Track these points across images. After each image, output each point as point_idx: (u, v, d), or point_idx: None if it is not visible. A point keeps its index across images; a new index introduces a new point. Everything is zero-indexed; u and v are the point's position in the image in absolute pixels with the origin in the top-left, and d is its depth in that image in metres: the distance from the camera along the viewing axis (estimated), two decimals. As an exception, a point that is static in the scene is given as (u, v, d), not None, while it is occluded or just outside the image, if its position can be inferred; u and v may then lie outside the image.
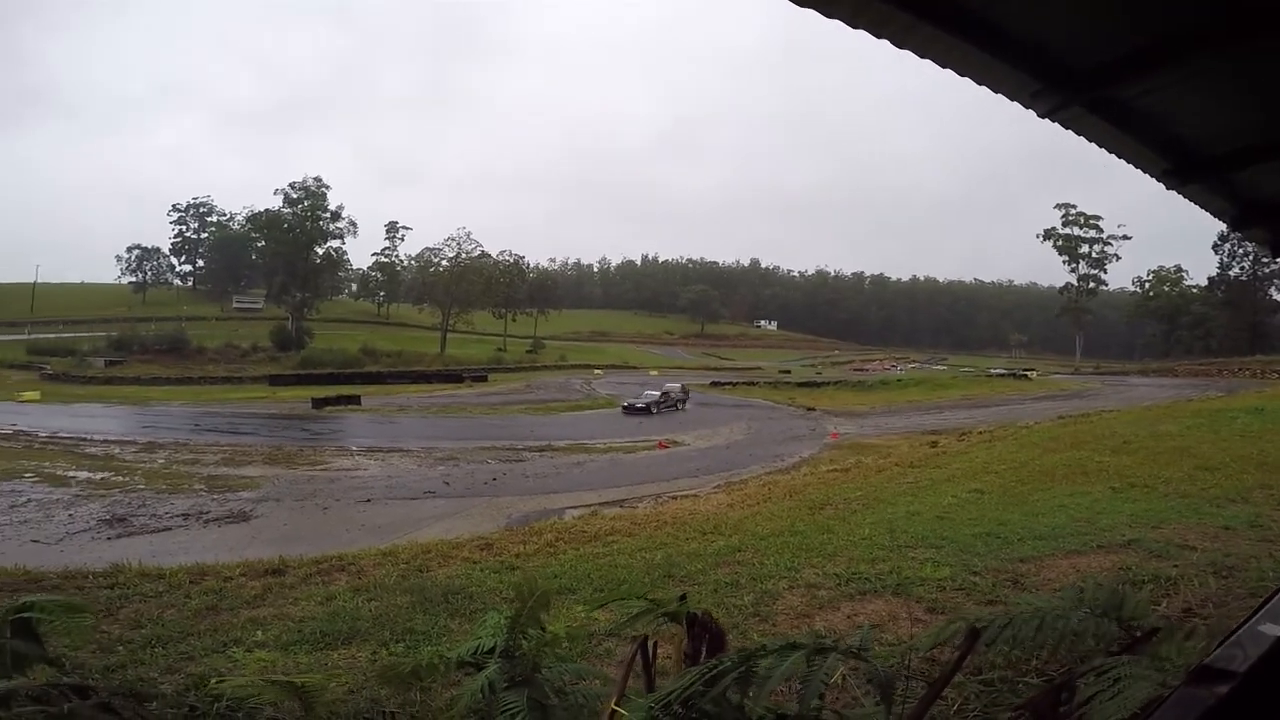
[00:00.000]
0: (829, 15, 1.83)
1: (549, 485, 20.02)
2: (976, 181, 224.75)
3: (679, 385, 45.17)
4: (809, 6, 1.75)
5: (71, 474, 20.13)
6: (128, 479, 19.69)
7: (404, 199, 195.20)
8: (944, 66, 1.99)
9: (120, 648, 4.45)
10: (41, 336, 63.71)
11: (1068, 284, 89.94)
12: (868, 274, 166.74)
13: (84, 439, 26.82)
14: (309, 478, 20.76)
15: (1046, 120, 2.17)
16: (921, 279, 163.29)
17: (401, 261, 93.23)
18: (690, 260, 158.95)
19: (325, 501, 17.85)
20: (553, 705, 1.36)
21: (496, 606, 5.54)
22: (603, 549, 8.06)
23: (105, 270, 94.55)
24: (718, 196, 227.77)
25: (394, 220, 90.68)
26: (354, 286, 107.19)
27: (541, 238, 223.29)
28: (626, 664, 1.47)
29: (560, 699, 1.43)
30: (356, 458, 24.35)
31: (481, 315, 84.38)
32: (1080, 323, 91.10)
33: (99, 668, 4.03)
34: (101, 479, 19.59)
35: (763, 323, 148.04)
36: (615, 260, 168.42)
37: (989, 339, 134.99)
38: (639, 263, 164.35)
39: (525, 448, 26.31)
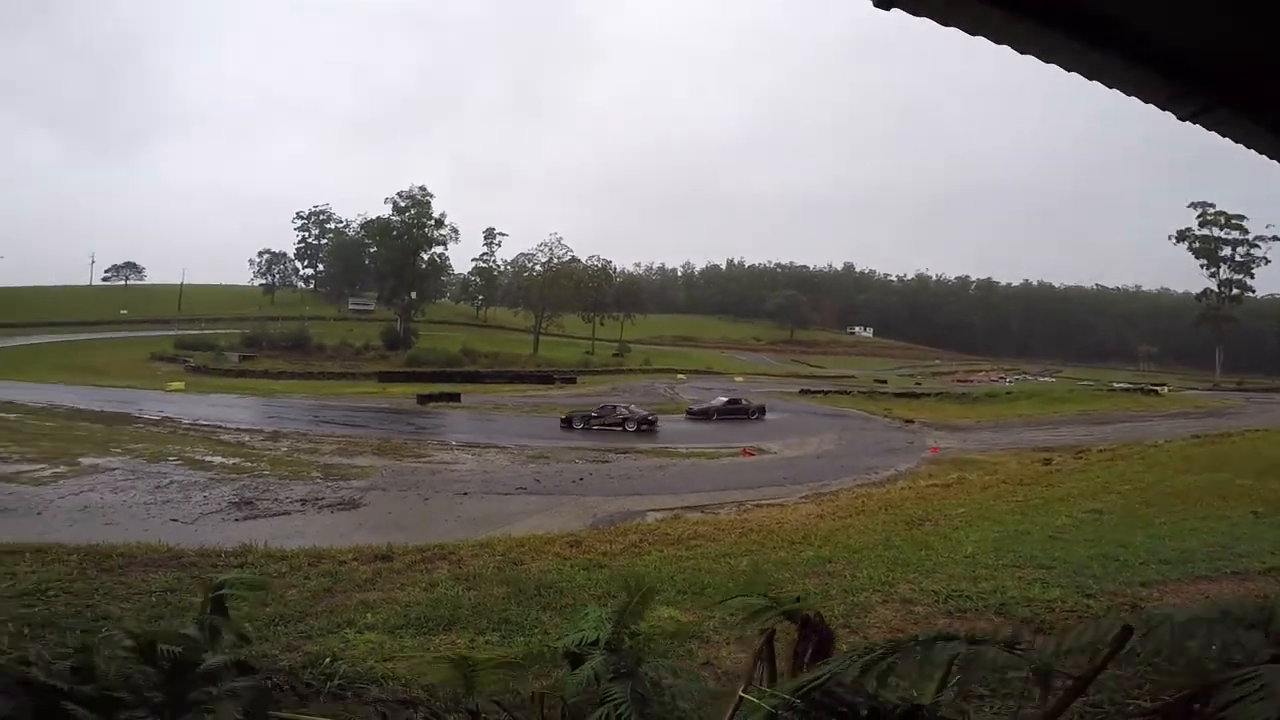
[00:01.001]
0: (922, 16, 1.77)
1: (632, 487, 20.25)
2: (1096, 179, 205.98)
3: (740, 395, 43.67)
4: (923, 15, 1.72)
5: (208, 459, 22.42)
6: (255, 465, 21.71)
7: (498, 205, 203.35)
8: (1069, 70, 1.89)
9: (247, 624, 4.95)
10: (186, 333, 71.52)
11: (1206, 290, 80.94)
12: (973, 278, 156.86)
13: (219, 426, 29.90)
14: (412, 469, 22.08)
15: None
16: (1035, 284, 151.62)
17: (498, 266, 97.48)
18: (778, 264, 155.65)
19: (426, 492, 18.92)
20: (653, 698, 1.42)
21: (584, 601, 5.75)
22: (686, 552, 8.11)
23: (241, 273, 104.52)
24: (807, 199, 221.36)
25: (491, 227, 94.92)
26: (455, 290, 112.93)
27: (627, 242, 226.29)
28: (754, 655, 1.52)
29: (656, 693, 1.49)
30: (455, 452, 25.65)
31: (571, 318, 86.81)
32: (1222, 333, 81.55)
33: (229, 643, 4.48)
34: (233, 464, 21.71)
35: (856, 329, 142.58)
36: (699, 264, 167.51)
37: (1112, 350, 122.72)
38: (724, 267, 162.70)
39: (610, 449, 26.74)
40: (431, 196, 78.78)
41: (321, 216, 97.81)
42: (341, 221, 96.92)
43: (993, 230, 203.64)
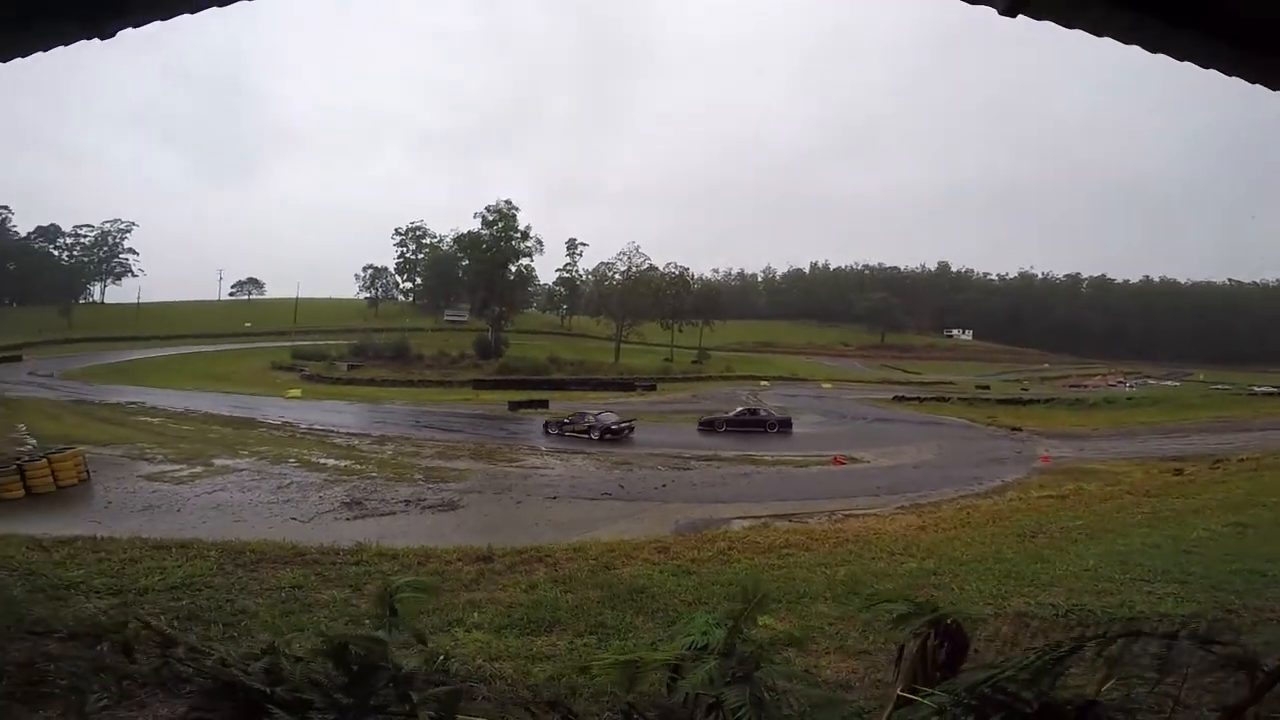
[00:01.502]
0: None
1: (716, 494, 20.18)
2: (1227, 166, 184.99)
3: (759, 406, 40.80)
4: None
5: (322, 461, 24.25)
6: (364, 467, 23.28)
7: (579, 216, 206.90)
8: (1206, 67, 1.76)
9: (366, 621, 5.31)
10: (301, 343, 77.66)
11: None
12: (1085, 276, 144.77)
13: (332, 431, 32.28)
14: (505, 473, 22.98)
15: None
16: (1157, 280, 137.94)
17: (580, 276, 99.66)
18: (866, 266, 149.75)
19: (519, 496, 19.65)
20: (769, 703, 1.43)
21: (674, 606, 5.79)
22: (778, 561, 8.00)
23: (349, 287, 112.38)
24: (896, 198, 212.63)
25: (573, 237, 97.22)
26: (541, 300, 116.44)
27: (706, 248, 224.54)
28: (913, 658, 1.51)
29: (772, 697, 1.50)
30: (545, 457, 26.44)
31: (651, 326, 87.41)
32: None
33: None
34: (344, 466, 23.37)
35: (955, 332, 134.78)
36: (781, 269, 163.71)
37: (1254, 352, 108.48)
38: (807, 270, 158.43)
39: (692, 456, 26.73)
40: (517, 209, 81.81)
41: (417, 232, 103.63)
42: (436, 236, 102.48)
43: (1107, 224, 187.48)
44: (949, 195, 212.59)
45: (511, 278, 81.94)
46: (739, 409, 37.99)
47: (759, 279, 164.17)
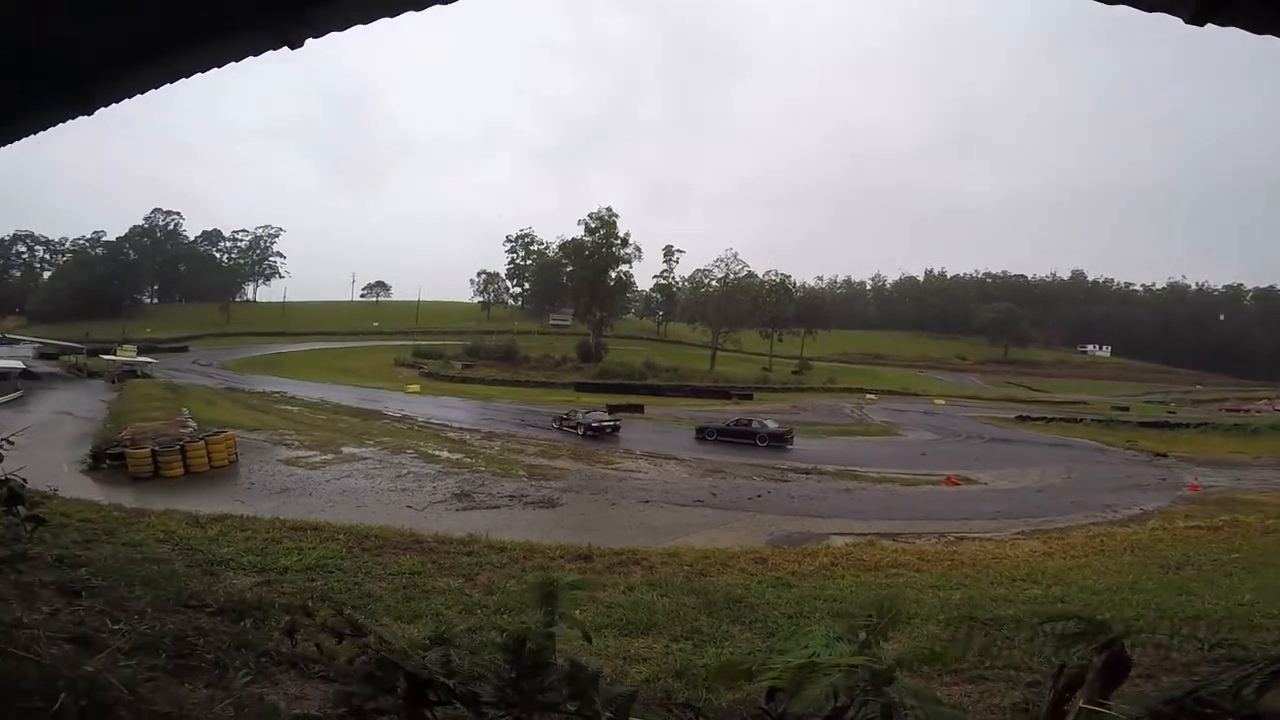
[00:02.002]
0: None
1: (814, 508, 19.53)
2: None
3: (753, 417, 37.37)
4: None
5: (436, 453, 25.81)
6: (473, 461, 24.55)
7: (676, 222, 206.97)
8: None
9: (479, 610, 5.59)
10: (421, 343, 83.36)
11: None
12: (1248, 287, 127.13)
13: (446, 425, 34.33)
14: (602, 475, 23.43)
15: None
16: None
17: (677, 282, 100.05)
18: (988, 274, 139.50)
19: (613, 498, 19.96)
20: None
21: (774, 619, 5.65)
22: (885, 579, 7.65)
23: (464, 290, 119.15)
24: (1022, 202, 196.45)
25: (670, 244, 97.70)
26: (639, 306, 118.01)
27: (808, 255, 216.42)
28: (1097, 672, 1.42)
29: (901, 713, 1.43)
30: (639, 461, 26.72)
31: (749, 334, 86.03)
32: None
33: (464, 627, 5.09)
34: (455, 460, 24.75)
35: (1089, 348, 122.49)
36: (891, 276, 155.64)
37: None
38: (921, 278, 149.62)
39: (790, 468, 26.03)
40: (617, 216, 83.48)
41: (526, 239, 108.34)
42: (542, 243, 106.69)
43: (1267, 232, 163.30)
44: (1085, 198, 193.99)
45: (611, 284, 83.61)
46: (735, 419, 36.37)
47: (867, 287, 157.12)
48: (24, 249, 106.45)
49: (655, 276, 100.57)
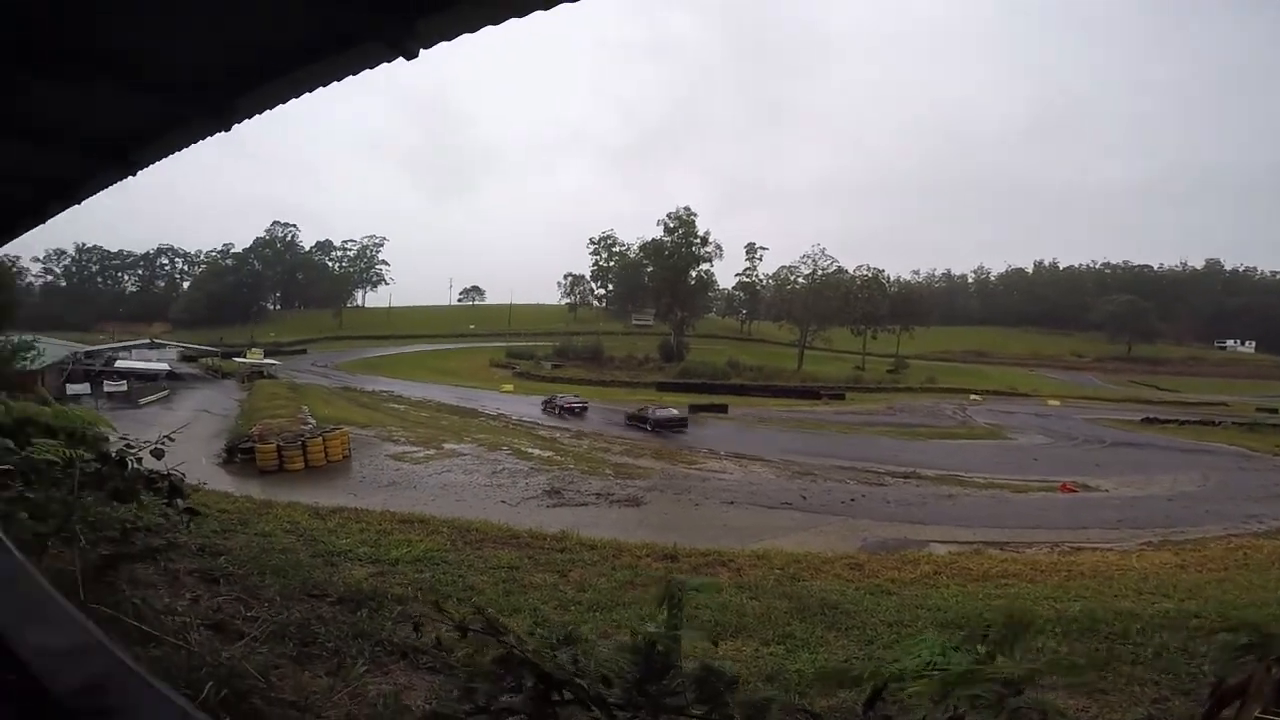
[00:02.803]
0: None
1: (912, 514, 18.67)
2: None
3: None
4: None
5: (529, 450, 26.75)
6: (562, 459, 25.27)
7: (757, 219, 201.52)
8: None
9: (572, 607, 5.75)
10: (514, 344, 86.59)
11: None
12: None
13: (537, 423, 35.53)
14: (685, 475, 23.46)
15: None
16: None
17: (761, 280, 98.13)
18: (1106, 264, 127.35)
19: (697, 498, 19.95)
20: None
21: (873, 626, 5.45)
22: (994, 590, 7.22)
23: (553, 292, 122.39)
24: (1143, 187, 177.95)
25: (752, 241, 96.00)
26: (721, 305, 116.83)
27: (899, 248, 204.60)
28: (1274, 685, 1.34)
29: None
30: (724, 461, 26.54)
31: (839, 332, 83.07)
32: None
33: (559, 623, 5.23)
34: (546, 457, 25.56)
35: (1229, 343, 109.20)
36: (996, 268, 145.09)
37: None
38: (1030, 270, 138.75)
39: (886, 472, 25.00)
40: (695, 216, 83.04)
41: (608, 240, 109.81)
42: (624, 245, 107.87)
43: None
44: (1217, 181, 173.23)
45: (692, 283, 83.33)
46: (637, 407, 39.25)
47: (969, 280, 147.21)
48: (166, 261, 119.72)
49: (738, 275, 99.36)
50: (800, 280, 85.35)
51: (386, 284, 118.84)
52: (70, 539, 3.95)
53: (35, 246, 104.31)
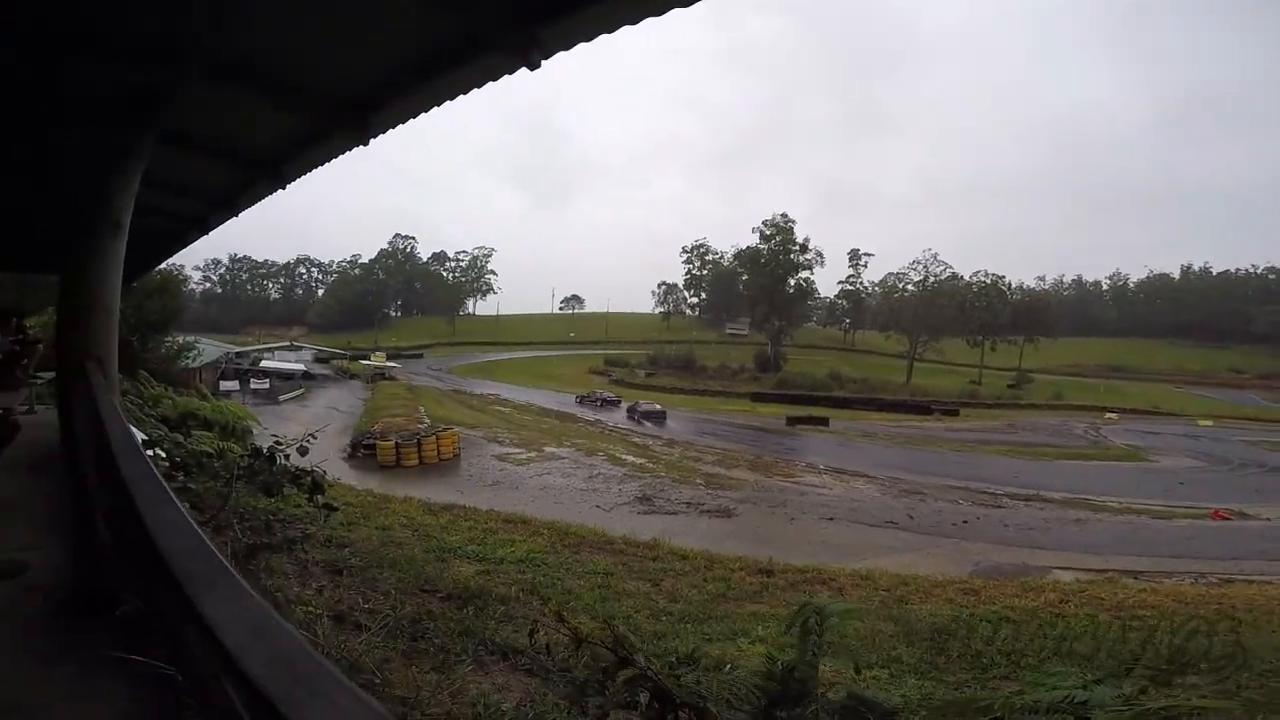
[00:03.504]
0: None
1: (1033, 539, 17.23)
2: None
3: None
4: None
5: (623, 457, 27.16)
6: (655, 467, 25.45)
7: (858, 226, 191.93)
8: None
9: (664, 617, 5.76)
10: (610, 352, 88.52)
11: None
12: None
13: (631, 431, 35.99)
14: (781, 488, 22.90)
15: None
16: None
17: (865, 288, 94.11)
18: (1271, 270, 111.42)
19: (793, 512, 19.39)
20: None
21: (990, 655, 5.06)
22: (1131, 622, 6.46)
23: (647, 301, 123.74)
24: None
25: (856, 248, 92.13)
26: (822, 314, 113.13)
27: (1019, 253, 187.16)
28: None
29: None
30: (823, 476, 25.64)
31: (953, 343, 77.89)
32: None
33: (650, 632, 5.23)
34: (639, 464, 25.85)
35: None
36: (1136, 274, 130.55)
37: None
38: (1176, 275, 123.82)
39: (1004, 493, 23.19)
40: (793, 222, 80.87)
41: (701, 249, 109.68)
42: (718, 253, 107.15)
43: None
44: None
45: (790, 291, 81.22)
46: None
47: (1103, 287, 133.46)
48: (304, 270, 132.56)
49: (840, 282, 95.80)
50: (910, 288, 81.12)
51: (495, 293, 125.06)
52: (222, 528, 4.43)
53: (196, 256, 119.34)
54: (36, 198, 5.09)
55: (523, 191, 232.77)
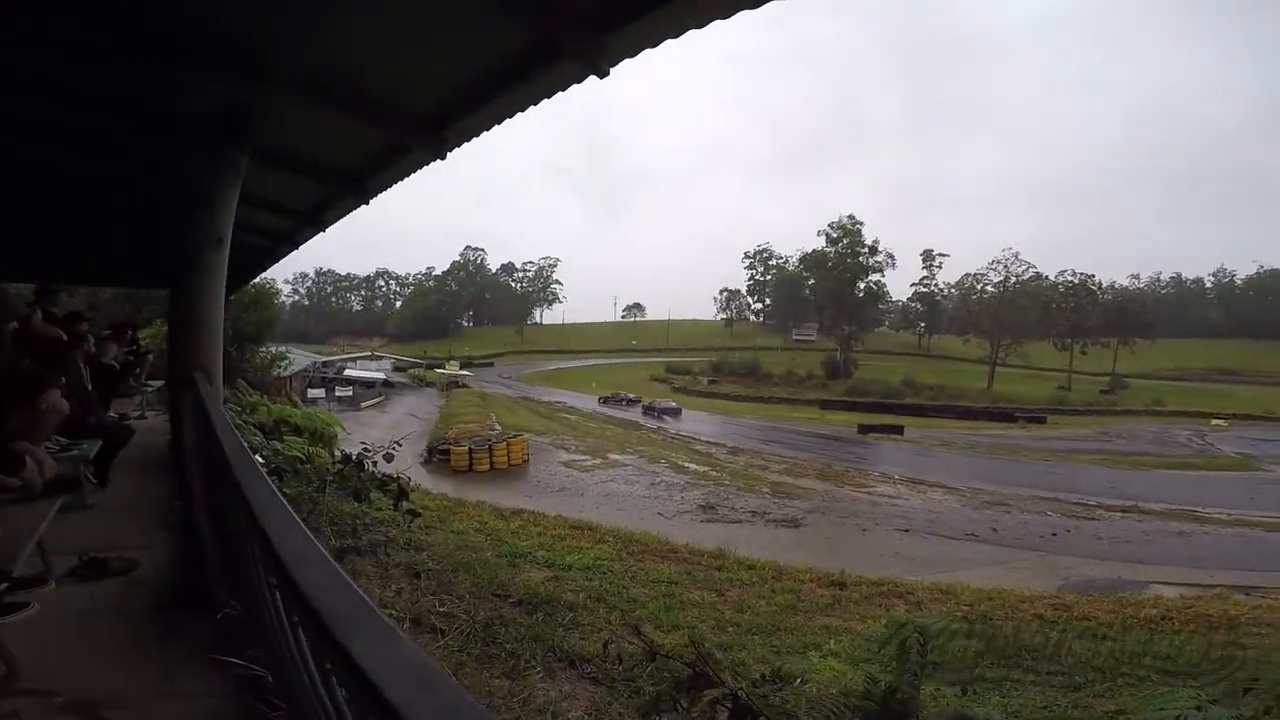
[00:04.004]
0: None
1: (1130, 552, 16.03)
2: None
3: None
4: None
5: (686, 465, 27.03)
6: (718, 475, 25.18)
7: (930, 225, 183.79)
8: None
9: (730, 628, 5.67)
10: (672, 359, 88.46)
11: None
12: None
13: (694, 438, 35.80)
14: (853, 498, 22.17)
15: None
16: None
17: (941, 290, 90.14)
18: None
19: (865, 523, 18.72)
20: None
21: (1086, 674, 4.71)
22: (1245, 639, 5.90)
23: (709, 308, 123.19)
24: None
25: (929, 249, 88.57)
26: (894, 318, 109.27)
27: (1108, 251, 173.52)
28: None
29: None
30: (898, 486, 24.66)
31: (1038, 347, 73.35)
32: None
33: (716, 644, 5.15)
34: (702, 472, 25.64)
35: None
36: (1243, 270, 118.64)
37: None
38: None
39: (1098, 505, 21.67)
40: (861, 224, 78.59)
41: (764, 254, 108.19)
42: (781, 258, 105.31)
43: None
44: None
45: (860, 295, 78.83)
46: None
47: (1206, 285, 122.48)
48: (383, 283, 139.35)
49: (913, 285, 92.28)
50: (989, 289, 76.88)
51: (560, 302, 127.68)
52: (314, 531, 4.68)
53: (285, 270, 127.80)
54: (146, 217, 5.57)
55: (582, 201, 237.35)
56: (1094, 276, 76.07)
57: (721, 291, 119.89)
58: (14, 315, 3.37)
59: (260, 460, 5.74)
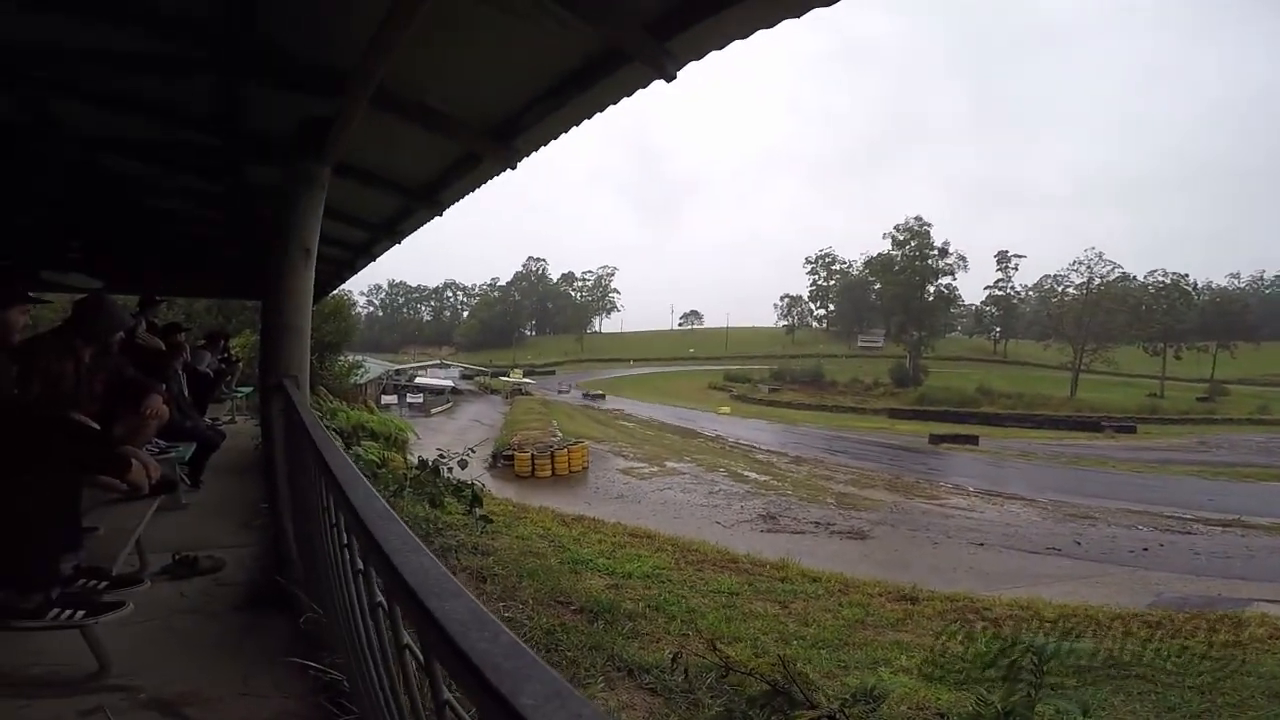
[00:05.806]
0: None
1: (1230, 569, 14.77)
2: None
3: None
4: None
5: (745, 473, 26.64)
6: (780, 484, 24.67)
7: (1004, 226, 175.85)
8: None
9: (794, 642, 5.54)
10: (730, 367, 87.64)
11: None
12: None
13: (754, 447, 35.26)
14: (923, 510, 21.28)
15: None
16: None
17: (1017, 293, 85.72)
18: None
19: (936, 536, 17.93)
20: None
21: (1182, 693, 4.35)
22: None
23: (769, 315, 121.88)
24: None
25: (1004, 250, 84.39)
26: (968, 323, 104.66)
27: (1200, 250, 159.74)
28: None
29: None
30: (972, 498, 23.50)
31: (1126, 352, 68.49)
32: None
33: (777, 656, 5.03)
34: (763, 481, 25.20)
35: None
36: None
37: None
38: None
39: (1195, 518, 20.05)
40: (929, 226, 75.73)
41: (827, 259, 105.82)
42: (845, 263, 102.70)
43: None
44: None
45: (929, 299, 75.76)
46: None
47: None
48: (451, 294, 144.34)
49: (987, 288, 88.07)
50: (1071, 291, 72.38)
51: (618, 310, 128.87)
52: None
53: (361, 282, 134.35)
54: (238, 230, 5.96)
55: (635, 208, 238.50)
56: (1187, 276, 70.55)
57: (782, 298, 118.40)
58: (122, 326, 3.63)
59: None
